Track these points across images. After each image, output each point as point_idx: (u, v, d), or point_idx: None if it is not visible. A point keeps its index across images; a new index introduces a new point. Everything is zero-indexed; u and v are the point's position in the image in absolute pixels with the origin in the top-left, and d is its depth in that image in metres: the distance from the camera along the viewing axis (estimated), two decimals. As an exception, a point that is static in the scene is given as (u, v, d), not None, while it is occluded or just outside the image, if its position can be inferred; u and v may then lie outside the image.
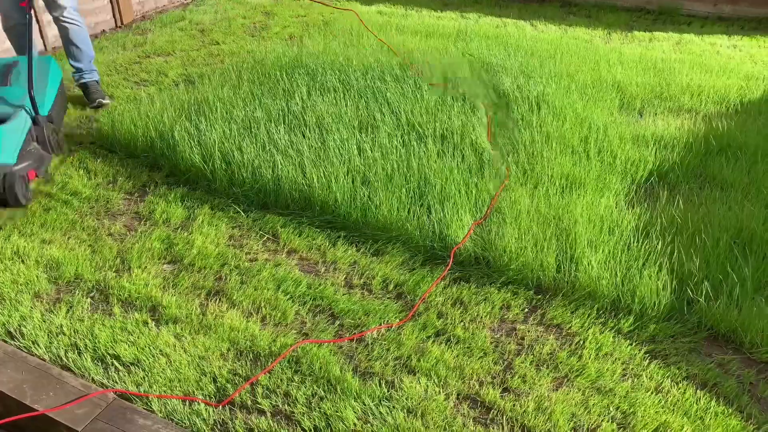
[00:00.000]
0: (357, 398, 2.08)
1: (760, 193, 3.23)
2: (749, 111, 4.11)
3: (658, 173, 3.39)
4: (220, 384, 2.13)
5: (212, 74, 4.50)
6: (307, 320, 2.42)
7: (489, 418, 2.05)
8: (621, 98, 4.27)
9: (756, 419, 2.06)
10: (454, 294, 2.58)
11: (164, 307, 2.44)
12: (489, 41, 5.33)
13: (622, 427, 2.02)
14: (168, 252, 2.78)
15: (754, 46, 5.62)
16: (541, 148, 3.48)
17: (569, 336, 2.38)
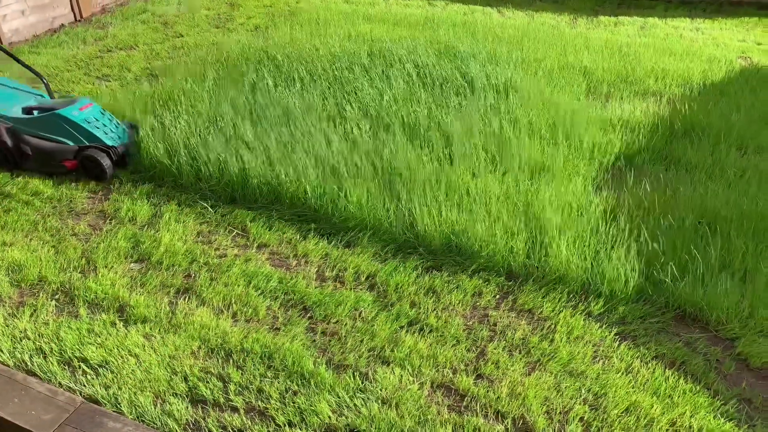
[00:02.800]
0: (331, 391, 2.07)
1: (724, 173, 3.30)
2: (712, 93, 4.18)
3: (625, 156, 3.43)
4: (191, 383, 2.10)
5: (176, 68, 4.41)
6: (279, 315, 2.40)
7: (463, 405, 2.06)
8: (588, 83, 4.31)
9: (722, 395, 2.11)
10: (426, 283, 2.57)
11: (132, 307, 2.39)
12: (457, 29, 5.32)
13: (594, 409, 2.04)
14: (135, 250, 2.73)
15: (716, 28, 5.72)
16: (509, 134, 3.49)
17: (541, 320, 2.40)
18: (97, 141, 3.21)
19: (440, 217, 2.82)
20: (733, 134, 3.63)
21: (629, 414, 2.02)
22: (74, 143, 3.20)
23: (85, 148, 3.19)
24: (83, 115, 3.23)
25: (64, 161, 3.20)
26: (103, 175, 3.20)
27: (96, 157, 3.16)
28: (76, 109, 3.22)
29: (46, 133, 3.21)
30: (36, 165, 3.24)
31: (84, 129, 3.19)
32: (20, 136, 3.22)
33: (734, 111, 3.89)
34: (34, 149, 3.21)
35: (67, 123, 3.18)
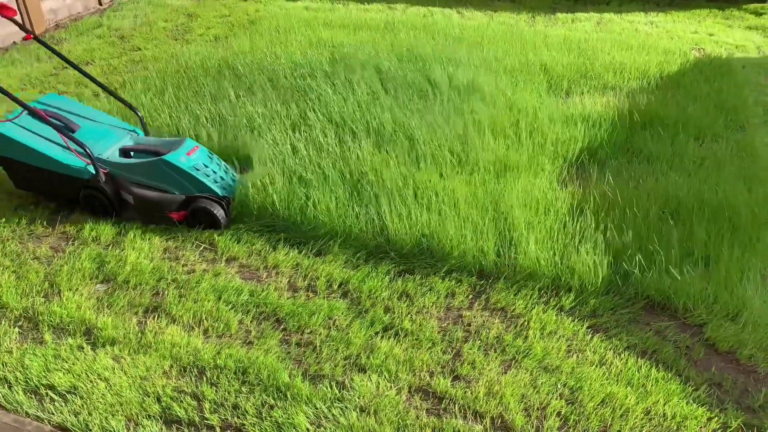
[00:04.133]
0: (308, 403, 2.05)
1: (683, 162, 3.38)
2: (668, 84, 4.28)
3: (588, 151, 3.48)
4: (165, 403, 2.06)
5: (135, 81, 4.33)
6: (252, 328, 2.37)
7: (442, 407, 2.06)
8: (548, 80, 4.36)
9: (693, 381, 2.15)
10: (399, 287, 2.57)
11: (100, 329, 2.33)
12: (417, 31, 5.34)
13: (570, 403, 2.06)
14: (100, 271, 2.66)
15: (669, 21, 5.86)
16: (474, 134, 3.51)
17: (514, 318, 2.42)
18: (207, 190, 2.87)
19: (410, 220, 2.82)
20: (691, 124, 3.71)
21: (605, 406, 2.05)
22: (181, 192, 2.87)
23: (194, 199, 2.85)
24: (191, 161, 2.86)
25: (172, 213, 2.87)
26: (217, 225, 2.87)
27: (209, 208, 2.83)
28: (183, 154, 2.87)
29: (149, 181, 2.88)
30: (138, 215, 2.94)
31: (193, 178, 2.84)
32: (120, 182, 2.91)
33: (690, 101, 3.99)
34: (137, 198, 2.88)
35: (175, 171, 2.83)
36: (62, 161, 2.86)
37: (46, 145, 2.89)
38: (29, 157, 2.89)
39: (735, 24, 5.85)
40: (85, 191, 2.91)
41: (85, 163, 2.86)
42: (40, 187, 3.04)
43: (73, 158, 2.88)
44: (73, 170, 2.87)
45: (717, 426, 2.00)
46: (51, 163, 2.86)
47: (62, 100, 3.24)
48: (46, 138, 2.92)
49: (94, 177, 2.85)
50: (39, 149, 2.87)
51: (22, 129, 2.92)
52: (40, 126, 2.94)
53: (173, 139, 3.11)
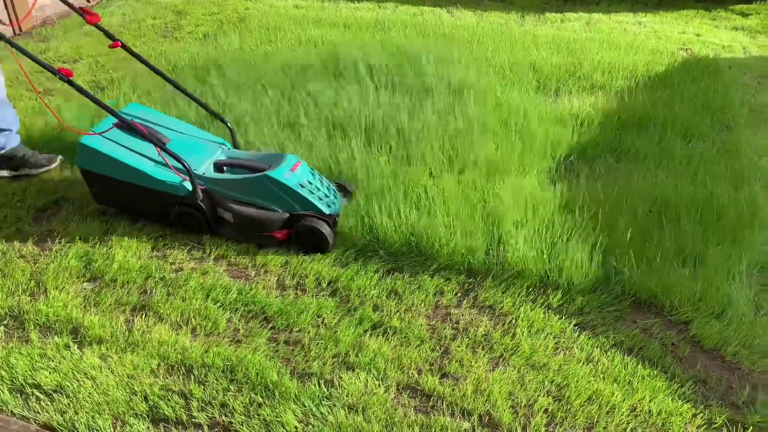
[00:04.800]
0: (296, 401, 2.05)
1: (671, 161, 3.40)
2: (656, 84, 4.31)
3: (577, 150, 3.50)
4: (152, 402, 2.05)
5: (123, 80, 4.30)
6: (240, 327, 2.36)
7: (430, 405, 2.06)
8: (537, 79, 4.38)
9: (679, 378, 2.17)
10: (388, 285, 2.57)
11: (86, 328, 2.32)
12: (408, 30, 5.35)
13: (557, 400, 2.08)
14: (87, 269, 2.65)
15: (657, 21, 5.90)
16: (464, 133, 3.52)
17: (502, 316, 2.43)
18: (312, 208, 2.71)
19: (399, 218, 2.83)
20: (678, 124, 3.74)
21: (591, 403, 2.06)
22: (284, 210, 2.72)
23: (299, 217, 2.70)
24: (296, 177, 2.70)
25: (275, 232, 2.72)
26: (324, 245, 2.71)
27: (316, 227, 2.66)
28: (287, 170, 2.70)
29: (250, 198, 2.72)
30: (236, 233, 2.77)
31: (298, 195, 2.68)
32: (218, 199, 2.74)
33: (678, 101, 4.02)
34: (237, 216, 2.72)
35: (279, 187, 2.66)
36: (158, 177, 2.68)
37: (139, 160, 2.73)
38: (120, 172, 2.72)
39: (722, 25, 5.90)
40: (180, 208, 2.74)
41: (180, 178, 2.71)
42: (128, 203, 2.88)
43: (169, 174, 2.72)
44: (168, 186, 2.70)
45: (702, 422, 2.02)
46: (145, 179, 2.70)
47: (145, 110, 3.06)
48: (137, 152, 2.74)
49: (191, 194, 2.69)
50: (132, 164, 2.70)
51: (111, 142, 2.75)
52: (128, 138, 2.78)
53: (271, 153, 2.94)
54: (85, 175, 2.86)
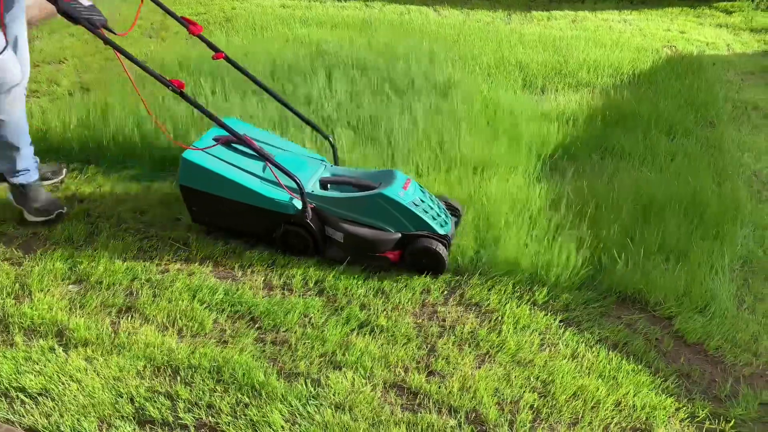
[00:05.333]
0: (283, 401, 2.05)
1: (655, 158, 3.44)
2: (641, 81, 4.35)
3: (563, 148, 3.53)
4: (138, 404, 2.04)
5: (109, 80, 4.28)
6: (227, 327, 2.36)
7: (416, 403, 2.07)
8: (524, 77, 4.41)
9: (663, 372, 2.19)
10: (375, 284, 2.58)
11: (72, 331, 2.31)
12: (395, 29, 5.36)
13: (543, 396, 2.09)
14: (72, 271, 2.63)
15: (642, 19, 5.95)
16: (451, 132, 3.53)
17: (488, 313, 2.44)
18: (427, 228, 2.58)
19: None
20: (662, 120, 3.78)
21: (577, 398, 2.08)
22: (397, 230, 2.59)
23: (413, 238, 2.58)
24: (409, 196, 2.58)
25: (386, 252, 2.60)
26: (441, 267, 2.60)
27: (433, 248, 2.54)
28: (399, 188, 2.58)
29: (362, 217, 2.60)
30: (345, 254, 2.64)
31: (413, 214, 2.56)
32: (327, 218, 2.62)
33: (662, 98, 4.05)
34: (348, 236, 2.59)
35: (393, 206, 2.54)
36: (266, 195, 2.59)
37: (245, 177, 2.62)
38: (226, 189, 2.61)
39: (706, 22, 5.95)
40: (286, 227, 2.62)
41: (290, 196, 2.60)
42: (230, 222, 2.76)
43: (278, 191, 2.60)
44: (277, 204, 2.59)
45: (685, 416, 2.04)
46: (253, 196, 2.59)
47: (241, 125, 2.93)
48: (242, 168, 2.65)
49: (301, 212, 2.59)
50: (240, 181, 2.59)
51: (215, 158, 2.64)
52: (230, 153, 2.67)
53: (377, 170, 2.85)
54: (185, 192, 2.70)
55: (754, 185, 3.33)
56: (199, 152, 2.62)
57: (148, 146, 3.40)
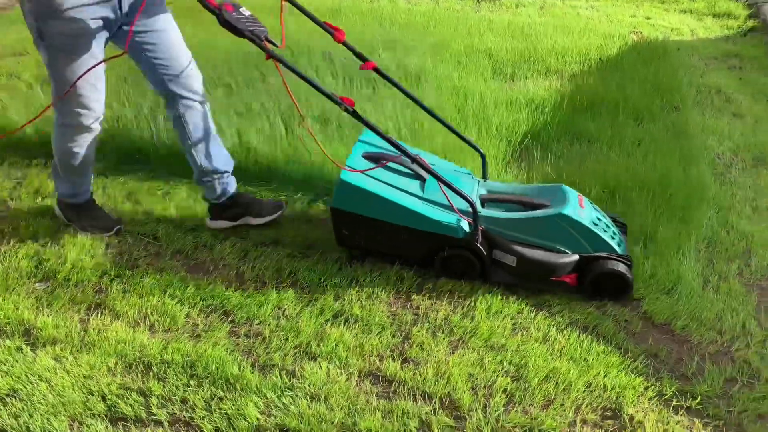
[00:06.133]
0: (258, 393, 2.04)
1: (622, 143, 3.49)
2: (608, 67, 4.41)
3: (532, 134, 3.56)
4: (110, 401, 2.02)
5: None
6: (199, 321, 2.34)
7: (391, 390, 2.09)
8: (493, 65, 4.43)
9: (632, 353, 2.24)
10: (349, 274, 2.58)
11: (39, 329, 2.26)
12: (364, 17, 5.33)
13: (515, 380, 2.12)
14: (39, 269, 2.58)
15: (609, 5, 6.02)
16: (421, 120, 3.53)
17: (461, 299, 2.46)
18: (607, 249, 2.42)
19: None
20: (629, 106, 3.84)
21: (549, 381, 2.11)
22: (574, 251, 2.44)
23: (593, 260, 2.41)
24: (588, 214, 2.43)
25: (563, 276, 2.45)
26: (627, 291, 2.44)
27: (619, 271, 2.38)
28: (577, 206, 2.43)
29: (536, 238, 2.43)
30: (516, 278, 2.47)
31: (595, 235, 2.40)
32: (497, 240, 2.44)
33: (629, 83, 4.11)
34: (522, 259, 2.41)
35: (574, 226, 2.38)
36: (433, 217, 2.41)
37: (409, 200, 2.44)
38: (387, 213, 2.43)
39: (671, 8, 6.05)
40: (451, 251, 2.45)
41: (457, 218, 2.43)
42: (385, 246, 2.56)
43: (444, 213, 2.43)
44: (445, 228, 2.40)
45: (653, 394, 2.09)
46: (418, 220, 2.41)
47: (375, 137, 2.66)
48: (401, 189, 2.47)
49: (470, 235, 2.41)
50: (404, 204, 2.42)
51: (374, 180, 2.45)
52: (384, 173, 2.50)
53: (540, 185, 2.70)
54: (338, 215, 2.50)
55: (718, 168, 3.41)
56: (358, 174, 2.43)
57: (113, 139, 3.33)
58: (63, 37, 2.28)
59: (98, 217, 2.78)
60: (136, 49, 2.45)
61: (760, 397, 2.09)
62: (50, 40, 2.29)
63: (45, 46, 2.32)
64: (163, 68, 2.48)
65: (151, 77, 2.53)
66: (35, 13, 2.25)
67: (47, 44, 2.31)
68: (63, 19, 2.23)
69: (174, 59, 2.49)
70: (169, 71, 2.49)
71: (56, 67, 2.35)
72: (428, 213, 2.43)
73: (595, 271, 2.41)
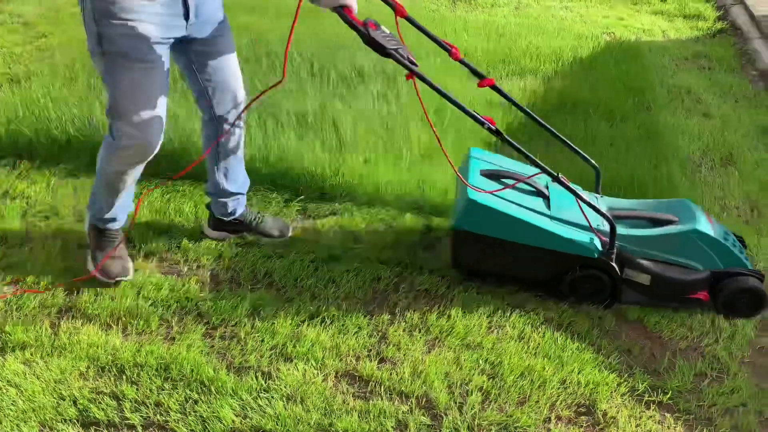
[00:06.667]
0: (233, 395, 2.03)
1: (596, 143, 3.54)
2: (581, 68, 4.47)
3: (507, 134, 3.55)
4: (82, 405, 1.98)
5: (41, 71, 4.09)
6: (174, 324, 2.31)
7: (368, 390, 2.09)
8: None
9: (605, 349, 2.28)
10: (326, 274, 2.57)
11: (8, 334, 2.21)
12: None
13: (491, 378, 2.14)
14: (7, 272, 2.52)
15: (582, 7, 6.09)
16: (398, 121, 3.54)
17: (437, 298, 2.47)
18: (738, 264, 2.39)
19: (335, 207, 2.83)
20: (602, 106, 3.89)
21: (524, 378, 2.14)
22: (705, 267, 2.39)
23: (725, 276, 2.37)
24: (717, 230, 2.41)
25: (696, 293, 2.40)
26: (762, 307, 2.39)
27: (754, 286, 2.34)
28: (707, 222, 2.40)
29: (667, 255, 2.37)
30: (649, 297, 2.42)
31: (728, 250, 2.37)
32: (629, 259, 2.37)
33: (602, 84, 4.17)
34: (657, 278, 2.35)
35: (708, 243, 2.35)
36: (566, 237, 2.33)
37: (540, 219, 2.36)
38: (517, 233, 2.34)
39: (643, 9, 6.15)
40: (583, 271, 2.36)
41: (590, 237, 2.34)
42: (508, 267, 2.46)
43: (577, 232, 2.35)
44: (579, 247, 2.32)
45: (626, 390, 2.13)
46: (550, 240, 2.32)
47: (489, 155, 2.69)
48: (527, 207, 2.40)
49: (606, 254, 2.33)
50: (537, 224, 2.33)
51: (502, 200, 2.37)
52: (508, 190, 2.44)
53: (664, 200, 2.65)
54: (462, 237, 2.40)
55: (688, 167, 3.48)
56: (486, 194, 2.35)
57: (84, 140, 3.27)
58: (125, 39, 2.02)
59: (112, 255, 2.44)
60: (187, 64, 2.31)
61: (728, 391, 2.14)
62: (109, 46, 2.03)
63: (101, 53, 2.05)
64: (212, 89, 2.34)
65: (196, 92, 2.38)
66: (98, 13, 1.99)
67: (105, 50, 2.04)
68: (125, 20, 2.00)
69: (225, 83, 2.36)
70: (218, 95, 2.35)
71: (115, 77, 2.09)
72: (562, 232, 2.33)
73: (730, 288, 2.36)
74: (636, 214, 2.53)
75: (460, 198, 2.42)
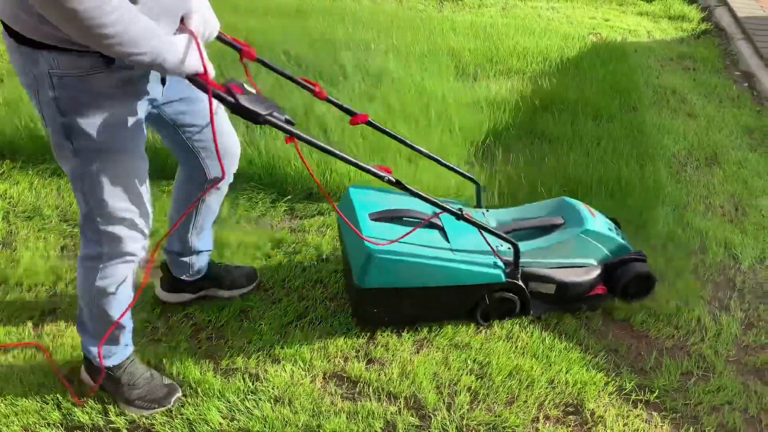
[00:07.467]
0: (221, 397, 2.01)
1: (582, 142, 3.55)
2: (568, 68, 4.48)
3: (494, 134, 3.59)
4: (66, 409, 1.95)
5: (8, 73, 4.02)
6: (160, 325, 2.29)
7: (356, 391, 2.08)
8: (456, 65, 4.45)
9: (593, 349, 2.29)
10: (313, 274, 2.56)
11: (-10, 337, 2.18)
12: (327, 16, 5.29)
13: (480, 378, 2.14)
14: (-11, 274, 2.48)
15: (569, 7, 6.11)
16: (384, 120, 3.53)
17: (426, 299, 2.46)
18: (624, 252, 2.42)
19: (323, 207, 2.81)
20: (589, 106, 3.91)
21: (512, 378, 2.14)
22: (599, 263, 2.41)
23: (616, 266, 2.39)
24: (603, 223, 2.42)
25: (596, 289, 2.41)
26: (652, 285, 2.44)
27: (645, 271, 2.39)
28: (590, 216, 2.39)
29: (564, 260, 2.36)
30: (555, 306, 2.40)
31: (615, 241, 2.40)
32: (531, 272, 2.32)
33: (588, 84, 4.19)
34: (561, 285, 2.33)
35: (600, 239, 2.36)
36: (475, 269, 2.21)
37: (445, 256, 2.20)
38: (428, 278, 2.18)
39: (628, 10, 6.19)
40: (495, 295, 2.28)
41: (493, 262, 2.24)
42: (421, 313, 2.33)
43: (482, 259, 2.24)
44: (488, 276, 2.23)
45: (613, 389, 2.14)
46: (461, 275, 2.19)
47: (370, 192, 2.47)
48: (428, 246, 2.21)
49: (512, 275, 2.27)
50: (445, 264, 2.18)
51: (404, 245, 2.16)
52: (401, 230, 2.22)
53: (542, 203, 2.59)
54: (372, 296, 2.18)
55: (674, 166, 3.51)
56: (388, 246, 2.12)
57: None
58: (104, 129, 1.56)
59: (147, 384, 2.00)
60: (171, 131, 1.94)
61: (714, 389, 2.16)
62: (83, 141, 1.56)
63: (74, 150, 1.58)
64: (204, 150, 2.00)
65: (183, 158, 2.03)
66: (64, 103, 1.51)
67: (77, 147, 1.57)
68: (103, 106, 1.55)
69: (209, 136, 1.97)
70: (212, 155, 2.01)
71: (92, 180, 1.62)
72: (469, 266, 2.21)
73: (623, 277, 2.38)
74: (525, 224, 2.46)
75: (357, 252, 2.17)
